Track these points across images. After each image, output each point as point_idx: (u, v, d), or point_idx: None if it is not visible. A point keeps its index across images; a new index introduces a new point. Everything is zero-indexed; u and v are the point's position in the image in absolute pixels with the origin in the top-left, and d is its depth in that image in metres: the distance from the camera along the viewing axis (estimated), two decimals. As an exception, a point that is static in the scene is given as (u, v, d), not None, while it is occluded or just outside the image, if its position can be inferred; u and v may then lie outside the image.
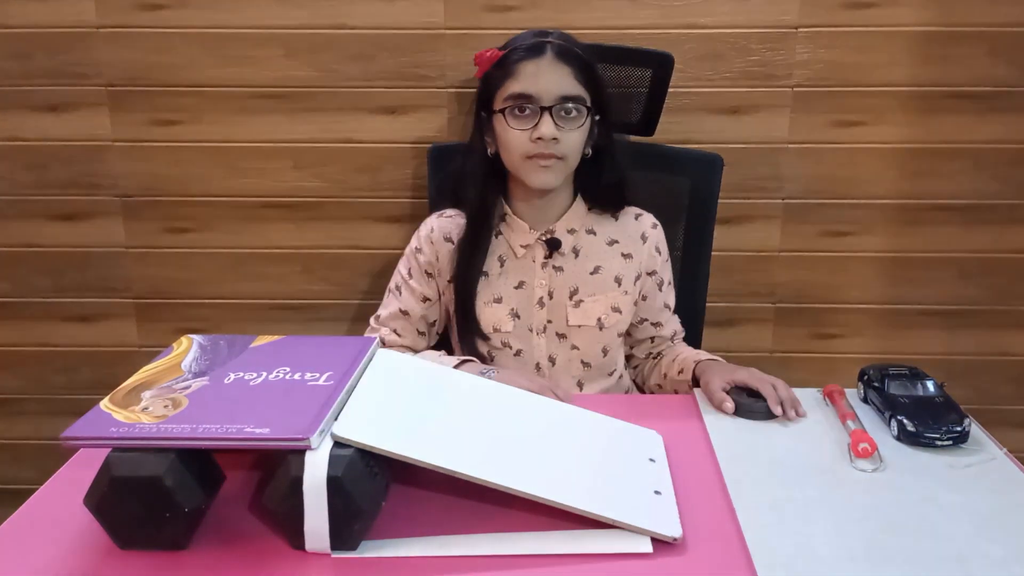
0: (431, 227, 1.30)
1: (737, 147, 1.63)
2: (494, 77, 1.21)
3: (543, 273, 1.27)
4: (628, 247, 1.29)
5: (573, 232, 1.28)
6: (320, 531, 0.76)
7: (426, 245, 1.29)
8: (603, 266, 1.28)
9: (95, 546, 0.79)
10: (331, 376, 0.88)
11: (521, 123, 1.18)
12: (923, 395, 1.04)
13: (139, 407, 0.81)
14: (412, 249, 1.31)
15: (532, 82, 1.17)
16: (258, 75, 1.62)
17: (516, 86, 1.18)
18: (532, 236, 1.27)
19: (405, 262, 1.32)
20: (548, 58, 1.18)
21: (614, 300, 1.28)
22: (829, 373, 1.75)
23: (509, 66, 1.19)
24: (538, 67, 1.18)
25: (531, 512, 0.84)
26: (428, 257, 1.29)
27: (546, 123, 1.17)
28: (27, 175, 1.69)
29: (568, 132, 1.18)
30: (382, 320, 1.32)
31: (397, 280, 1.33)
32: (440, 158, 1.49)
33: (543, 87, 1.17)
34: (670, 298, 1.35)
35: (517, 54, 1.19)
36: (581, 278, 1.27)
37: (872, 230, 1.69)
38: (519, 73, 1.18)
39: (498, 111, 1.20)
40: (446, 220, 1.30)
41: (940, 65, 1.59)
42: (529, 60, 1.18)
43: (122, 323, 1.77)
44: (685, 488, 0.89)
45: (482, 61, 1.22)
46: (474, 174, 1.26)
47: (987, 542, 0.80)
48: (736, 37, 1.59)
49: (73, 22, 1.60)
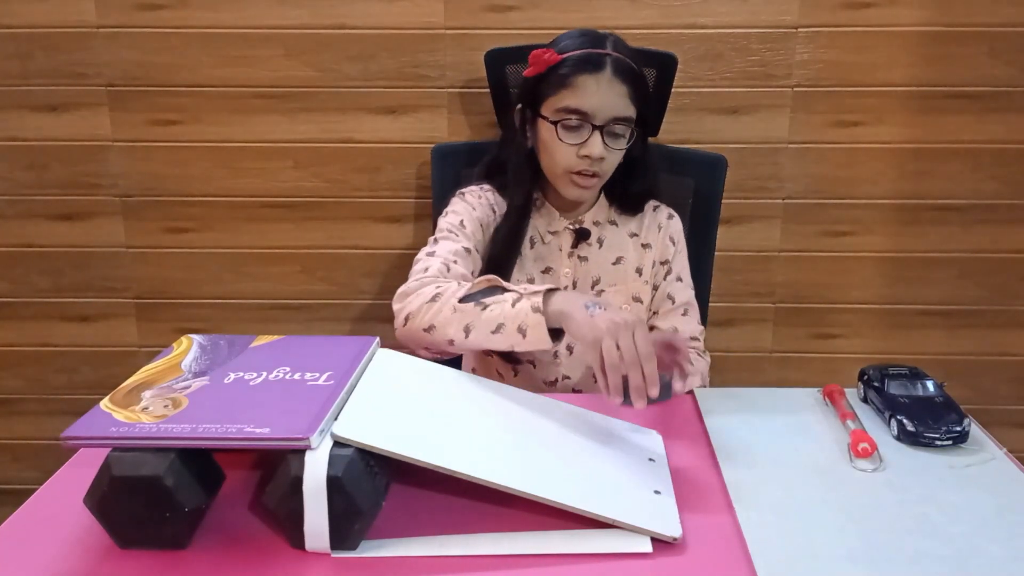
0: (478, 195, 1.27)
1: (737, 147, 1.63)
2: (549, 82, 1.17)
3: (569, 262, 1.27)
4: (647, 238, 1.31)
5: (598, 224, 1.29)
6: (320, 531, 0.76)
7: (480, 209, 1.25)
8: (625, 257, 1.29)
9: (95, 546, 0.79)
10: (331, 376, 0.88)
11: (572, 137, 1.16)
12: (923, 395, 1.04)
13: (139, 407, 0.81)
14: (467, 207, 1.25)
15: (589, 99, 1.14)
16: (258, 75, 1.62)
17: (573, 100, 1.15)
18: (561, 224, 1.27)
19: (456, 216, 1.24)
20: (608, 75, 1.15)
21: (635, 290, 1.29)
22: (829, 373, 1.75)
23: (568, 76, 1.15)
24: (598, 84, 1.14)
25: (531, 512, 0.84)
26: (482, 219, 1.25)
27: (596, 143, 1.15)
28: (27, 175, 1.69)
29: (613, 151, 1.18)
30: (442, 254, 1.17)
31: (449, 225, 1.22)
32: (444, 158, 1.49)
33: (599, 105, 1.15)
34: (677, 292, 1.31)
35: (578, 65, 1.15)
36: (604, 268, 1.28)
37: (872, 230, 1.69)
38: (577, 86, 1.15)
39: (548, 119, 1.18)
40: (488, 193, 1.28)
41: (940, 65, 1.59)
42: (589, 75, 1.14)
43: (122, 323, 1.77)
44: (685, 488, 0.89)
45: (538, 62, 1.18)
46: (518, 169, 1.24)
47: (987, 542, 0.80)
48: (736, 37, 1.59)
49: (73, 22, 1.60)
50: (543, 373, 1.28)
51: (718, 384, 1.10)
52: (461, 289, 1.05)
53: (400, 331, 1.08)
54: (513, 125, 1.26)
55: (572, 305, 0.97)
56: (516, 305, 0.99)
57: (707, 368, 1.29)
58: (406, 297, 1.08)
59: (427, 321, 1.04)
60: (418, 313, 1.05)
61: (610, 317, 0.92)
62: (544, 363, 1.27)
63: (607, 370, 0.90)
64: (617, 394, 0.90)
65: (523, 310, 0.98)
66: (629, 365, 0.89)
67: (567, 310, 0.96)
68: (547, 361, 1.27)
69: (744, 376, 1.76)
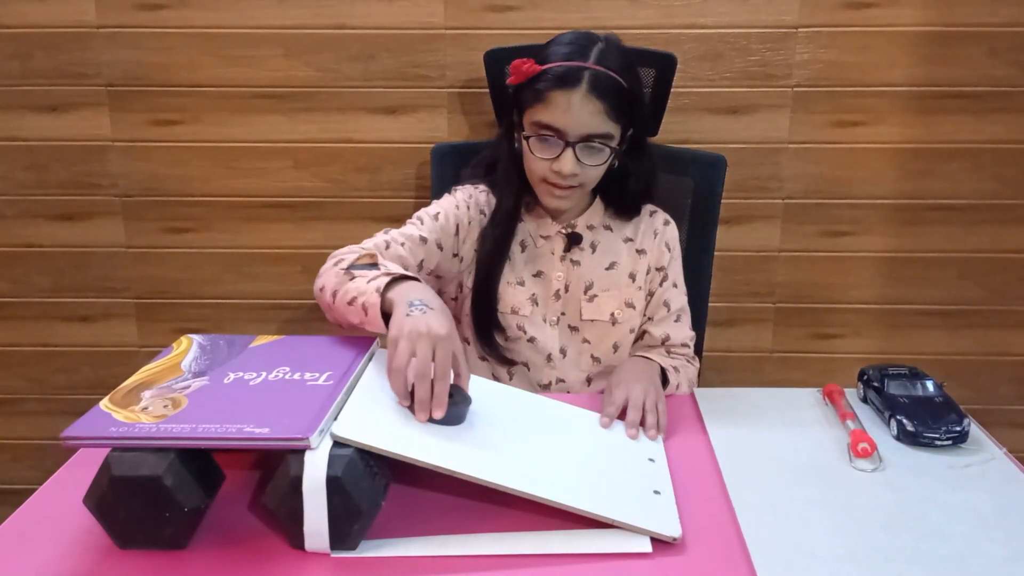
0: (469, 194, 1.28)
1: (737, 147, 1.63)
2: (526, 94, 1.16)
3: (561, 266, 1.27)
4: (642, 243, 1.30)
5: (592, 228, 1.29)
6: (320, 531, 0.76)
7: (464, 208, 1.26)
8: (618, 262, 1.28)
9: (95, 546, 0.79)
10: (331, 376, 0.88)
11: (543, 151, 1.16)
12: (923, 395, 1.04)
13: (139, 407, 0.81)
14: (451, 203, 1.26)
15: (560, 115, 1.13)
16: (258, 75, 1.62)
17: (544, 115, 1.14)
18: (553, 228, 1.27)
19: (435, 208, 1.25)
20: (581, 92, 1.12)
21: (628, 296, 1.27)
22: (829, 373, 1.75)
23: (542, 91, 1.14)
24: (570, 101, 1.12)
25: (531, 512, 0.84)
26: (461, 219, 1.25)
27: (566, 160, 1.14)
28: (27, 175, 1.69)
29: (588, 167, 1.17)
30: (392, 235, 1.19)
31: (424, 213, 1.24)
32: (444, 158, 1.49)
33: (570, 123, 1.13)
34: (672, 298, 1.30)
35: (551, 80, 1.13)
36: (596, 273, 1.27)
37: (872, 230, 1.69)
38: (550, 103, 1.13)
39: (523, 132, 1.18)
40: (480, 194, 1.28)
41: (940, 65, 1.59)
42: (561, 91, 1.12)
43: (122, 323, 1.77)
44: (685, 488, 0.89)
45: (518, 73, 1.17)
46: (506, 172, 1.24)
47: (987, 542, 0.80)
48: (736, 37, 1.59)
49: (73, 22, 1.60)
50: (537, 376, 1.28)
51: (718, 384, 1.10)
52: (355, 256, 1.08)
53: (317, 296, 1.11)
54: (503, 131, 1.26)
55: (402, 298, 0.94)
56: (370, 283, 0.99)
57: (695, 374, 1.29)
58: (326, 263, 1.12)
59: (320, 282, 1.09)
60: (320, 275, 1.10)
61: (419, 322, 0.89)
62: (538, 366, 1.27)
63: (389, 373, 0.88)
64: (403, 397, 0.87)
65: (370, 289, 0.98)
66: (417, 376, 0.86)
67: (396, 301, 0.95)
68: (540, 364, 1.27)
69: (744, 376, 1.76)
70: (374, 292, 0.97)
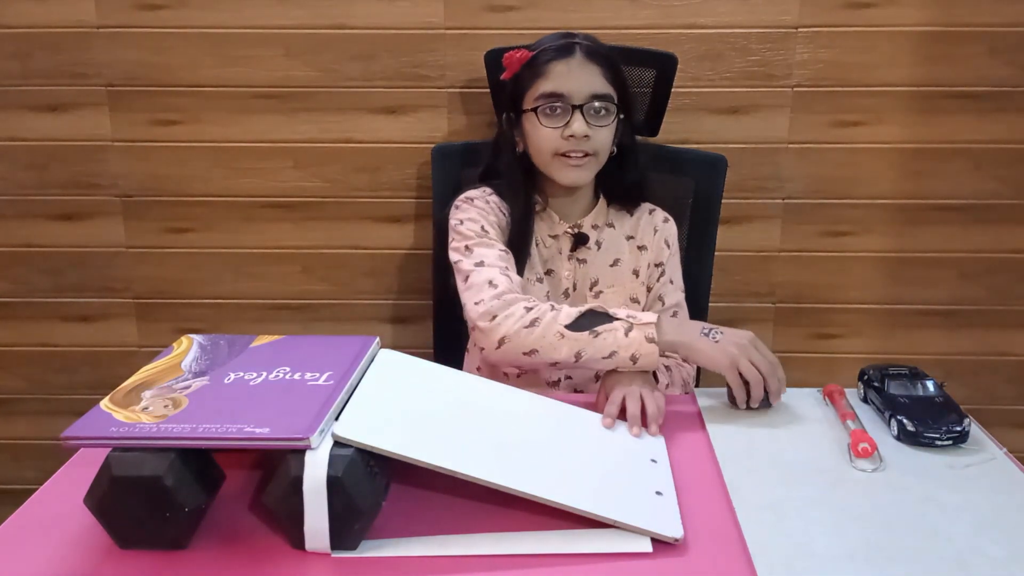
0: (485, 199, 1.27)
1: (737, 147, 1.63)
2: (524, 77, 1.23)
3: (568, 264, 1.30)
4: (643, 240, 1.33)
5: (597, 227, 1.32)
6: (320, 531, 0.76)
7: (490, 210, 1.26)
8: (622, 259, 1.31)
9: (95, 546, 0.79)
10: (331, 376, 0.88)
11: (553, 121, 1.21)
12: (923, 395, 1.04)
13: (139, 407, 0.81)
14: (481, 212, 1.25)
15: (563, 81, 1.20)
16: (258, 75, 1.62)
17: (547, 85, 1.20)
18: (561, 228, 1.30)
19: (474, 224, 1.23)
20: (578, 58, 1.20)
21: (632, 291, 1.31)
22: (829, 373, 1.75)
23: (540, 66, 1.21)
24: (569, 67, 1.20)
25: (531, 512, 0.84)
26: (495, 219, 1.25)
27: (578, 121, 1.19)
28: (27, 175, 1.69)
29: (598, 130, 1.21)
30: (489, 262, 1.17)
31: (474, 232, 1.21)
32: (444, 158, 1.49)
33: (574, 86, 1.19)
34: (668, 294, 1.32)
35: (547, 55, 1.21)
36: (602, 270, 1.30)
37: (872, 230, 1.69)
38: (550, 73, 1.20)
39: (529, 110, 1.22)
40: (491, 196, 1.29)
41: (940, 65, 1.59)
42: (560, 60, 1.20)
43: (122, 323, 1.77)
44: (685, 488, 0.89)
45: (512, 62, 1.24)
46: (512, 174, 1.27)
47: (987, 542, 0.80)
48: (736, 37, 1.59)
49: (73, 22, 1.60)
50: (545, 374, 1.28)
51: (719, 384, 1.10)
52: (560, 314, 1.09)
53: (493, 353, 1.11)
54: (502, 132, 1.28)
55: (689, 335, 1.06)
56: (629, 335, 1.06)
57: (690, 375, 1.30)
58: (492, 318, 1.10)
59: (528, 345, 1.09)
60: (516, 337, 1.09)
61: (734, 340, 1.05)
62: None
63: (752, 386, 1.03)
64: (755, 402, 1.05)
65: (637, 340, 1.05)
66: (768, 376, 1.03)
67: (686, 341, 1.06)
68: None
69: (744, 376, 1.76)
70: (646, 342, 1.05)
